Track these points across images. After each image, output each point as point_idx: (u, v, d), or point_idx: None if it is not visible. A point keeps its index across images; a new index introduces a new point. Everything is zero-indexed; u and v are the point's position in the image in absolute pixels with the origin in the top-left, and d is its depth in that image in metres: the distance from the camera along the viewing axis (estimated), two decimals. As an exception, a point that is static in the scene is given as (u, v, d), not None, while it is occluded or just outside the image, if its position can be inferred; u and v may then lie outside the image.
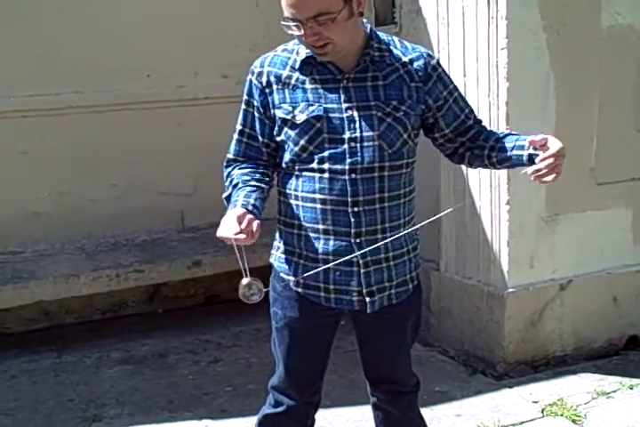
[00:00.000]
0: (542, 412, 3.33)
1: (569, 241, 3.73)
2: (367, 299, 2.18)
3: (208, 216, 4.77)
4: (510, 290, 3.64)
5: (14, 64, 4.34)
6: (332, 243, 2.14)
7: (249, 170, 2.20)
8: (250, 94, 2.19)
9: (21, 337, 4.29)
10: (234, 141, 2.25)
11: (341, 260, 2.12)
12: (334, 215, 2.12)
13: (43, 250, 4.52)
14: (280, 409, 2.36)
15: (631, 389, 3.52)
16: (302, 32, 1.98)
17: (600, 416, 3.29)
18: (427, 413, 3.15)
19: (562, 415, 3.28)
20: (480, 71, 3.54)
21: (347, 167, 2.09)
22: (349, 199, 2.10)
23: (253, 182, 2.15)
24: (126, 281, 4.26)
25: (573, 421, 3.25)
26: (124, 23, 4.50)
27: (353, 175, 2.09)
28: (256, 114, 2.19)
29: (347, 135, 2.09)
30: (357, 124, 2.09)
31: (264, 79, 2.15)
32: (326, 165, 2.10)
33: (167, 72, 4.62)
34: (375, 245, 2.13)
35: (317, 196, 2.12)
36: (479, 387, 3.59)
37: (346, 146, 2.09)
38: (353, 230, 2.12)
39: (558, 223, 3.70)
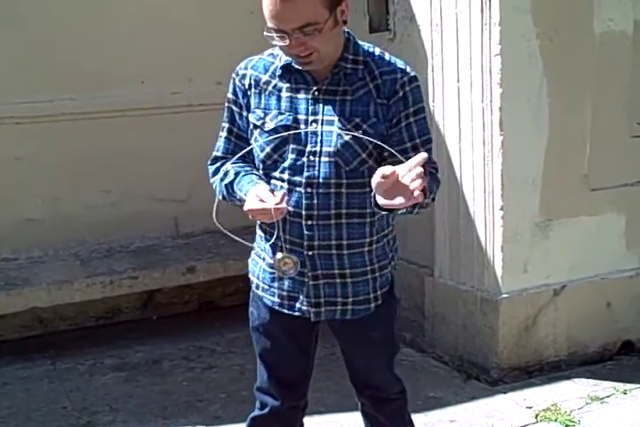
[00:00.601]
0: (536, 417, 3.32)
1: (563, 246, 3.73)
2: (312, 309, 2.18)
3: (202, 223, 4.79)
4: (504, 295, 3.64)
5: (8, 71, 4.34)
6: (286, 251, 2.14)
7: (242, 164, 2.16)
8: (235, 94, 2.17)
9: (15, 344, 4.27)
10: (222, 139, 2.22)
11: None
12: (291, 225, 2.11)
13: (37, 257, 4.52)
14: (265, 411, 2.36)
15: (625, 394, 3.52)
16: (287, 42, 1.93)
17: (594, 422, 3.29)
18: (420, 418, 3.17)
19: (556, 421, 3.28)
20: (473, 77, 3.55)
21: (303, 180, 2.07)
22: (304, 212, 2.09)
23: (255, 172, 2.14)
24: (120, 288, 4.26)
25: (567, 426, 3.25)
26: (117, 29, 4.51)
27: (309, 189, 2.07)
28: (243, 113, 2.16)
29: (308, 148, 2.06)
30: (319, 139, 2.06)
31: (246, 82, 2.14)
32: (286, 175, 2.09)
33: (161, 79, 4.62)
34: None
35: None
36: (473, 393, 3.58)
37: (305, 159, 2.06)
38: (305, 243, 2.12)
39: (552, 229, 3.70)
